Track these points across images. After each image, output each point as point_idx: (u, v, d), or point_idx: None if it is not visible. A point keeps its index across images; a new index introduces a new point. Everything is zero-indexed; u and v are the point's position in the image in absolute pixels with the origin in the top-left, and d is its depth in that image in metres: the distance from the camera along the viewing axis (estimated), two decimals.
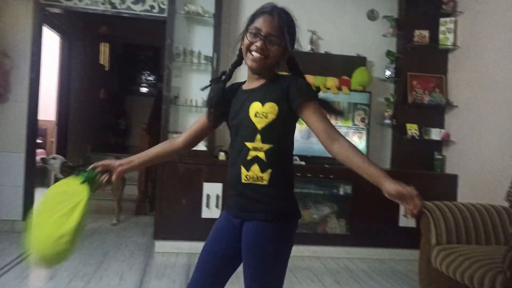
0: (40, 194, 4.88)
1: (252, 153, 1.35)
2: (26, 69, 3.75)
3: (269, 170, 1.34)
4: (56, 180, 4.07)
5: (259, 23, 1.39)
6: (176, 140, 1.52)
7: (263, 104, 1.35)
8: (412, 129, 3.92)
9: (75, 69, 5.13)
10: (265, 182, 1.34)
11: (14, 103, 3.73)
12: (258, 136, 1.34)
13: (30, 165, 3.81)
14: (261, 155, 1.34)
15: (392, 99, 4.01)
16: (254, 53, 1.38)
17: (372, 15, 4.11)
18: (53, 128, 4.94)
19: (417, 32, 3.93)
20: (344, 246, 3.70)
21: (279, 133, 1.37)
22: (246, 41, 1.41)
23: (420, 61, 3.97)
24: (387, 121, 3.99)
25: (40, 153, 5.46)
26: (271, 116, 1.34)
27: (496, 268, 2.08)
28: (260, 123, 1.34)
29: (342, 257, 3.65)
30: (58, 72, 4.83)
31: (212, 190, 3.50)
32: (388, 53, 4.01)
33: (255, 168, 1.35)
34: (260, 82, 1.43)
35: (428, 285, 2.60)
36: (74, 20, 5.03)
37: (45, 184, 5.59)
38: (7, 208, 3.69)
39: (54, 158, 3.80)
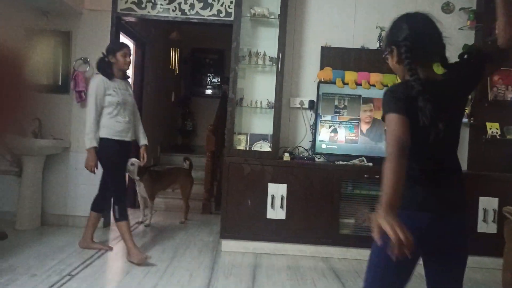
0: None
1: None
2: None
3: None
4: (133, 181, 4.33)
5: None
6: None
7: None
8: (493, 128, 3.61)
9: (147, 74, 5.41)
10: None
11: None
12: None
13: None
14: None
15: (470, 97, 3.73)
16: None
17: (447, 8, 3.86)
18: None
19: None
20: None
21: None
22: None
23: None
24: (464, 120, 3.71)
25: None
26: None
27: None
28: None
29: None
30: (133, 77, 5.12)
31: (277, 190, 3.50)
32: (465, 48, 3.73)
33: None
34: None
35: None
36: (147, 27, 5.31)
37: None
38: (87, 205, 3.95)
39: (132, 164, 4.02)
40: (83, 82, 3.93)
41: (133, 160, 4.15)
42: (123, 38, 4.52)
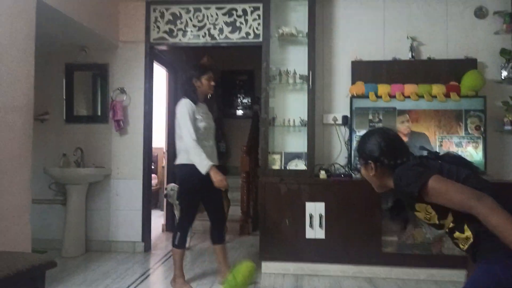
0: (158, 218, 5.31)
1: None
2: (141, 103, 4.16)
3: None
4: (171, 204, 4.39)
5: None
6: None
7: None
8: None
9: (180, 99, 5.54)
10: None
11: (132, 134, 4.15)
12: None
13: (147, 190, 4.17)
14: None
15: (511, 103, 3.57)
16: None
17: (480, 13, 3.75)
18: (163, 155, 5.37)
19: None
20: (465, 269, 3.32)
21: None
22: None
23: None
24: (508, 127, 3.55)
25: (152, 178, 5.98)
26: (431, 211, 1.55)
27: None
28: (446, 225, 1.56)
29: (463, 280, 3.28)
30: (166, 103, 5.27)
31: (315, 209, 3.44)
32: (503, 52, 3.60)
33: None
34: None
35: None
36: (178, 54, 5.47)
37: (158, 206, 6.09)
38: (129, 230, 4.08)
39: (172, 190, 4.11)
40: (121, 111, 4.09)
41: (172, 185, 4.23)
42: (156, 66, 4.68)
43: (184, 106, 3.02)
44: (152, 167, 6.18)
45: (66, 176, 3.93)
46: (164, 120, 5.30)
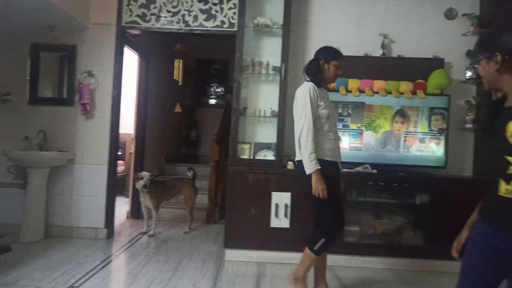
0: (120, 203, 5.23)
1: None
2: (109, 87, 4.05)
3: None
4: (137, 191, 4.35)
5: None
6: None
7: None
8: None
9: (151, 85, 5.45)
10: None
11: (99, 119, 4.05)
12: None
13: (112, 176, 4.09)
14: None
15: (474, 102, 3.70)
16: None
17: (450, 14, 3.86)
18: (131, 141, 5.28)
19: None
20: (422, 259, 3.46)
21: None
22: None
23: None
24: (469, 126, 3.69)
25: (119, 165, 5.87)
26: None
27: None
28: None
29: (420, 270, 3.41)
30: (136, 88, 5.16)
31: (281, 199, 3.48)
32: (469, 53, 3.72)
33: None
34: None
35: None
36: (151, 40, 5.36)
37: (124, 193, 5.99)
38: (92, 216, 3.99)
39: (141, 178, 4.14)
40: (88, 94, 3.97)
41: (144, 173, 4.18)
42: (128, 51, 4.57)
43: (307, 90, 2.58)
44: (120, 153, 6.08)
45: (28, 159, 3.79)
46: (134, 106, 5.19)
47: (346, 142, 3.67)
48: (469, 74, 3.72)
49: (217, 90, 7.80)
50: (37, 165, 3.80)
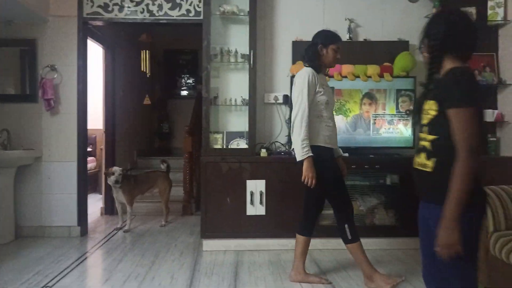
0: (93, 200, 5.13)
1: (421, 143, 1.54)
2: (73, 81, 3.93)
3: (434, 159, 1.48)
4: (110, 187, 4.27)
5: None
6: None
7: (428, 101, 1.51)
8: None
9: (118, 78, 5.32)
10: (429, 169, 1.49)
11: (64, 114, 3.93)
12: (425, 128, 1.52)
13: (82, 173, 3.99)
14: (427, 144, 1.51)
15: None
16: None
17: None
18: (102, 136, 5.16)
19: (462, 10, 3.70)
20: (395, 237, 3.57)
21: (443, 126, 1.43)
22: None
23: None
24: None
25: (90, 161, 5.74)
26: (432, 113, 1.47)
27: None
28: (424, 119, 1.52)
29: (393, 248, 3.53)
30: (103, 82, 5.03)
31: (256, 187, 3.49)
32: None
33: (423, 155, 1.52)
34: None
35: (487, 274, 2.44)
36: (116, 31, 5.22)
37: (97, 190, 5.87)
38: (64, 214, 3.90)
39: (113, 173, 4.05)
40: (52, 89, 3.84)
41: (115, 168, 4.11)
42: (92, 43, 4.43)
43: (306, 75, 2.54)
44: (90, 149, 5.95)
45: None
46: (101, 100, 5.06)
47: None
48: None
49: (188, 81, 7.71)
50: (2, 165, 3.66)
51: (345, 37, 3.87)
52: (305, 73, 2.56)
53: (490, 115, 3.65)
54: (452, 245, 1.35)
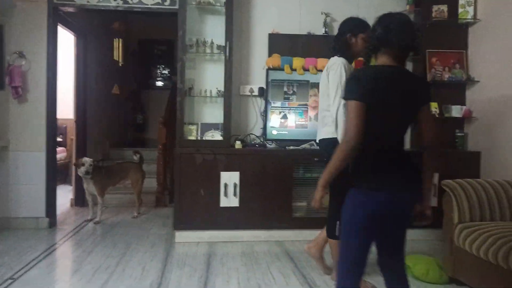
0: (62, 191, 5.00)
1: None
2: (43, 69, 3.80)
3: None
4: (80, 178, 4.17)
5: None
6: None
7: None
8: (432, 107, 3.79)
9: (90, 66, 5.18)
10: None
11: (33, 103, 3.80)
12: None
13: (51, 163, 3.88)
14: None
15: None
16: None
17: None
18: (73, 126, 5.03)
19: (435, 7, 3.80)
20: None
21: None
22: None
23: (439, 37, 3.84)
24: None
25: (60, 151, 5.59)
26: None
27: None
28: None
29: None
30: (75, 70, 4.89)
31: (230, 178, 3.49)
32: None
33: None
34: None
35: (452, 264, 2.53)
36: (88, 18, 5.07)
37: (67, 181, 5.73)
38: (31, 205, 3.78)
39: (83, 164, 3.95)
40: (19, 76, 3.71)
41: (86, 159, 4.01)
42: (61, 30, 4.29)
43: (341, 65, 2.42)
44: (61, 139, 5.79)
45: None
46: (73, 89, 4.92)
47: (292, 120, 3.73)
48: None
49: (164, 71, 7.60)
50: None
51: (321, 31, 3.90)
52: (340, 63, 2.45)
53: (458, 111, 3.77)
54: (316, 200, 1.67)
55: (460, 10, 3.78)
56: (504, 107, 3.38)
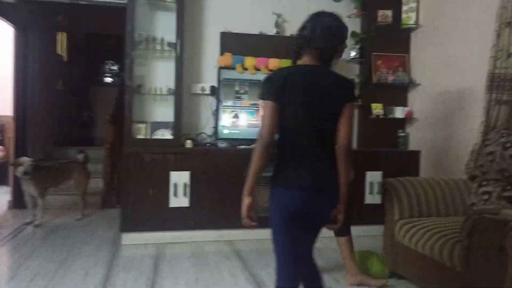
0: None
1: None
2: None
3: None
4: (18, 180, 3.92)
5: None
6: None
7: None
8: (377, 108, 3.95)
9: (31, 61, 4.88)
10: None
11: None
12: None
13: None
14: None
15: (357, 80, 4.03)
16: None
17: None
18: (11, 124, 4.71)
19: (380, 12, 3.96)
20: None
21: None
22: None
23: (384, 41, 4.01)
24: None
25: None
26: None
27: (455, 238, 2.13)
28: None
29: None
30: (14, 65, 4.59)
31: (180, 178, 3.43)
32: (353, 34, 4.00)
33: None
34: None
35: (393, 258, 2.64)
36: (30, 10, 4.78)
37: (5, 182, 5.37)
38: None
39: (21, 164, 3.72)
40: None
41: (24, 158, 3.77)
42: (0, 22, 4.02)
43: None
44: None
45: None
46: (10, 84, 4.62)
47: (244, 119, 3.73)
48: (353, 54, 4.02)
49: (113, 67, 7.33)
50: None
51: (272, 31, 3.93)
52: None
53: (401, 112, 3.96)
54: (243, 211, 1.67)
55: (403, 15, 3.97)
56: (443, 109, 3.60)
